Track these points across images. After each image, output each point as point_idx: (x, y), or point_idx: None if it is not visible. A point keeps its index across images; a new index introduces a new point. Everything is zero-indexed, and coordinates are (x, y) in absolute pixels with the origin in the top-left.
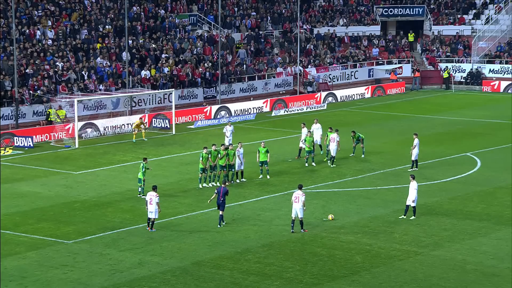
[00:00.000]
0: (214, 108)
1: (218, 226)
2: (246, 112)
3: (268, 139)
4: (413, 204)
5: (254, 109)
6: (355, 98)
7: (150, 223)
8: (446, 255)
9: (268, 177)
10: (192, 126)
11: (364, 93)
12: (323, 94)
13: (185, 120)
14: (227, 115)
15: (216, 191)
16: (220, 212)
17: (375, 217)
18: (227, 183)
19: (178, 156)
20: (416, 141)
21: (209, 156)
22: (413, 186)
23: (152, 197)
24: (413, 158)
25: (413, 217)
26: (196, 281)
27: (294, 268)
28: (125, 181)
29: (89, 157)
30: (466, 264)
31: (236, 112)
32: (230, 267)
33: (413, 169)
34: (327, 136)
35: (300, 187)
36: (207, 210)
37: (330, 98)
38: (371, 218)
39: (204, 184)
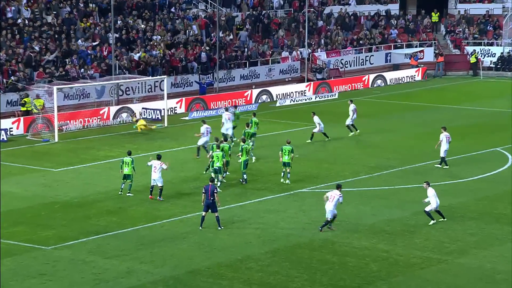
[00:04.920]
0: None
1: (219, 228)
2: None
3: (273, 132)
4: (434, 208)
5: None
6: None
7: (159, 191)
8: (473, 263)
9: (288, 181)
10: (187, 118)
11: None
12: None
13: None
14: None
15: (204, 190)
16: (216, 214)
17: (393, 220)
18: (215, 181)
19: (171, 152)
20: (442, 135)
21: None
22: (431, 193)
23: (156, 166)
24: (441, 155)
25: (432, 222)
26: None
27: (301, 278)
28: (111, 179)
29: (71, 153)
30: (495, 273)
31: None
32: (229, 276)
33: (444, 167)
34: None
35: (338, 187)
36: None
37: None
38: (388, 221)
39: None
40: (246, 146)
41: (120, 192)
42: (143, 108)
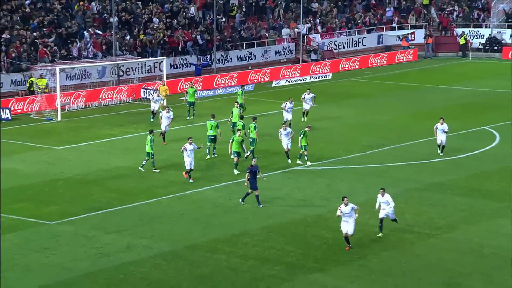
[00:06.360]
0: None
1: (259, 206)
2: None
3: (269, 112)
4: (391, 216)
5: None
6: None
7: (188, 173)
8: (462, 238)
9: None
10: (183, 98)
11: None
12: None
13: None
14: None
15: (248, 170)
16: (255, 192)
17: None
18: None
19: (170, 131)
20: (438, 125)
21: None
22: (388, 199)
23: (186, 147)
24: (438, 142)
25: (381, 234)
26: (190, 266)
27: (296, 252)
28: (112, 158)
29: (73, 131)
30: (483, 247)
31: None
32: (226, 251)
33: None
34: None
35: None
36: (202, 189)
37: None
38: None
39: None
40: (253, 124)
41: (154, 169)
42: (143, 88)
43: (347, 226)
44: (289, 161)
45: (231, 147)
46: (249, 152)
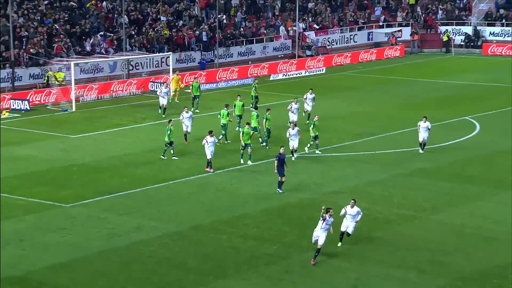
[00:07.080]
0: None
1: (278, 191)
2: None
3: (267, 103)
4: (350, 230)
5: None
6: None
7: (209, 163)
8: (445, 219)
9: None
10: (190, 90)
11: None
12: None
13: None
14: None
15: (276, 158)
16: (282, 178)
17: (374, 182)
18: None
19: (176, 121)
20: (421, 123)
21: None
22: (357, 211)
23: (207, 139)
24: (420, 140)
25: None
26: (194, 246)
27: (293, 233)
28: (123, 146)
29: (87, 121)
30: (465, 228)
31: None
32: (228, 231)
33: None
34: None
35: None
36: (205, 175)
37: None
38: (370, 182)
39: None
40: (267, 115)
41: (173, 157)
42: (151, 81)
43: (320, 237)
44: (293, 158)
45: (243, 139)
46: (264, 143)
